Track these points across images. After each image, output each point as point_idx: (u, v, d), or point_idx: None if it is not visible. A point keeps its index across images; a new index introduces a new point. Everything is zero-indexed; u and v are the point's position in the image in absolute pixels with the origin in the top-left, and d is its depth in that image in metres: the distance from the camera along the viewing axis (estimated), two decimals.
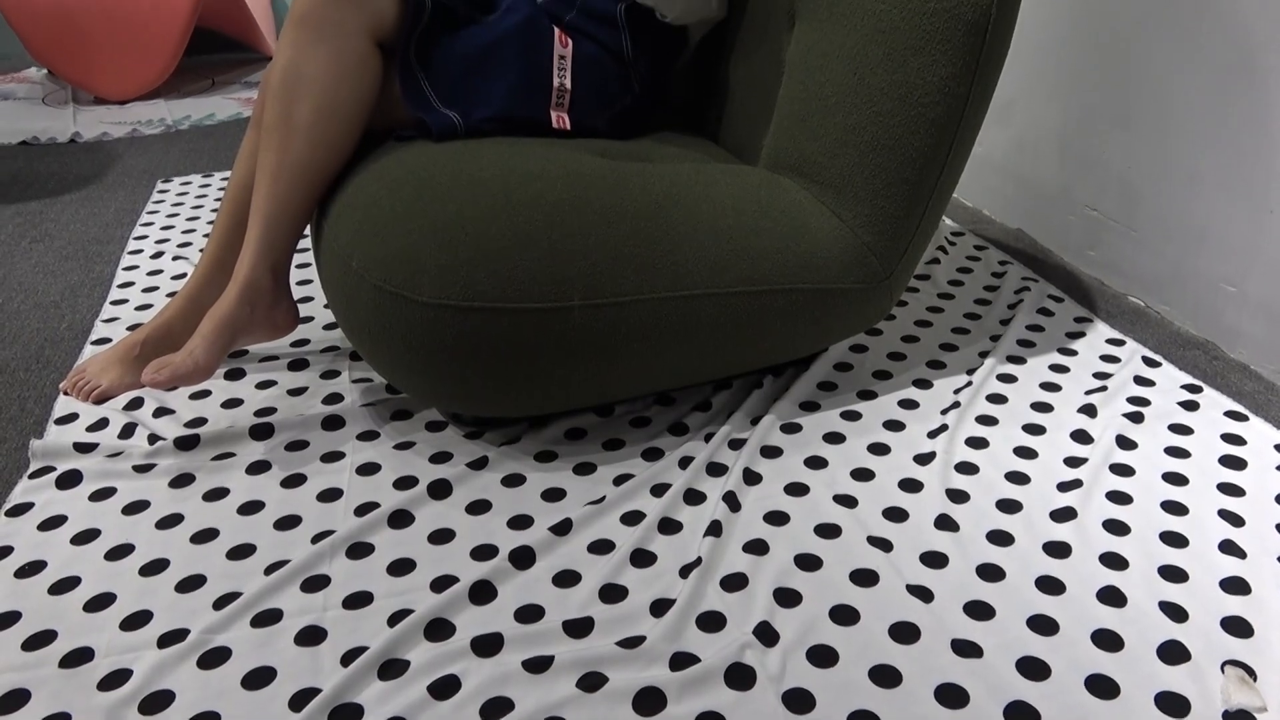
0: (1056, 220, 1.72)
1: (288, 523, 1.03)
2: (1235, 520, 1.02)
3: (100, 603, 0.91)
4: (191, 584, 0.94)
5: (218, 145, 2.40)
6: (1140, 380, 1.30)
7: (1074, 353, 1.37)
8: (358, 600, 0.92)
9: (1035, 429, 1.19)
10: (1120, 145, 1.54)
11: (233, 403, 1.25)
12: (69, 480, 1.09)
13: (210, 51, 3.35)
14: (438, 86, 1.19)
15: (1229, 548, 0.98)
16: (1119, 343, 1.40)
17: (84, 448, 1.13)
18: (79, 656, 0.85)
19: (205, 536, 1.00)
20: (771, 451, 1.14)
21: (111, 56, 2.73)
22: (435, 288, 1.01)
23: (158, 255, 1.71)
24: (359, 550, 0.98)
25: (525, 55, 1.23)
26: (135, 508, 1.05)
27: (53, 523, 1.03)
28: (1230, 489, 1.07)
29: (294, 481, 1.09)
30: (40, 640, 0.87)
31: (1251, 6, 1.28)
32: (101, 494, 1.07)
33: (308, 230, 1.72)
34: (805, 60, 1.20)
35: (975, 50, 1.09)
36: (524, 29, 1.23)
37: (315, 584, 0.93)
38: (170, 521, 1.03)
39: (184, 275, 1.62)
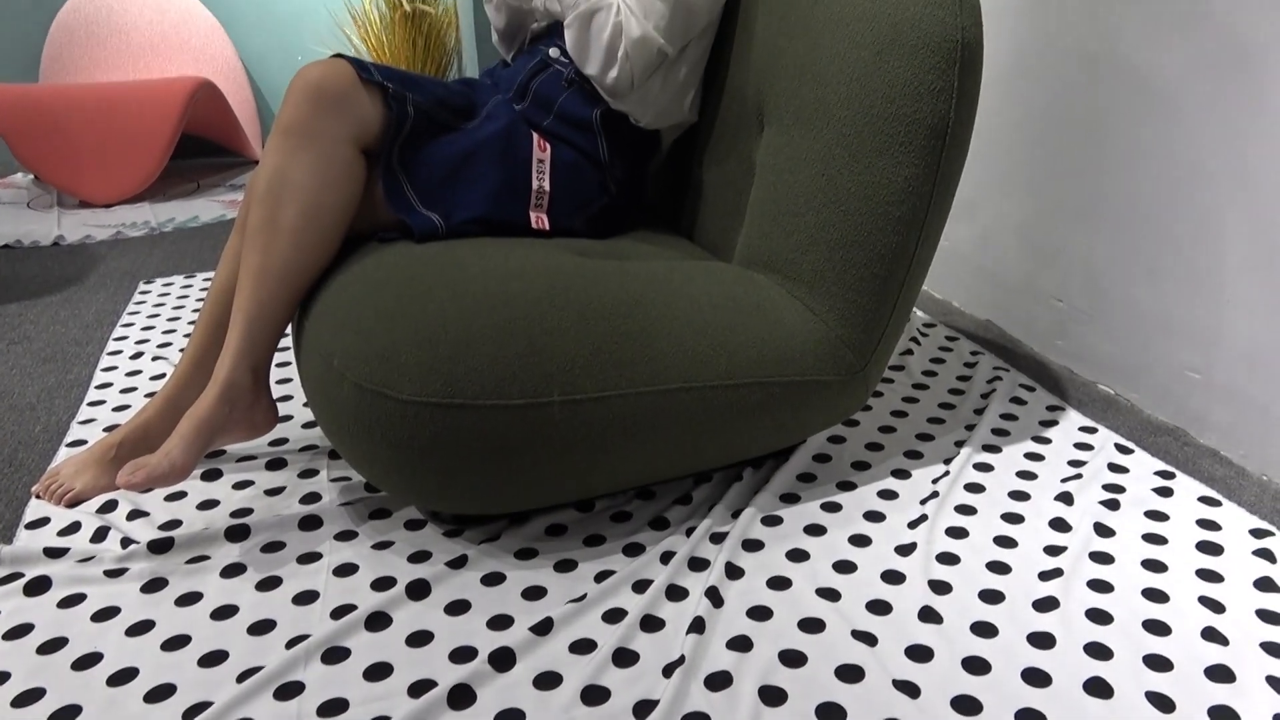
0: (1024, 311, 1.76)
1: (262, 627, 1.00)
2: (1216, 607, 1.03)
3: (65, 715, 0.88)
4: (161, 694, 0.91)
5: (200, 246, 2.43)
6: (1114, 467, 1.31)
7: (1048, 441, 1.39)
8: (333, 708, 0.89)
9: (1014, 518, 1.19)
10: (1081, 239, 1.60)
11: (208, 504, 1.24)
12: (37, 587, 1.06)
13: (196, 156, 3.42)
14: (420, 190, 1.23)
15: (1211, 635, 0.98)
16: (1091, 430, 1.42)
17: (54, 553, 1.11)
18: None
19: (176, 643, 0.98)
20: (753, 545, 1.14)
21: (99, 162, 2.78)
22: (415, 385, 1.02)
23: (137, 356, 1.71)
24: (335, 655, 0.96)
25: (505, 160, 1.27)
26: (105, 614, 1.02)
27: (18, 631, 1.00)
28: (1209, 575, 1.08)
29: (269, 584, 1.07)
30: None
31: (1197, 111, 1.35)
32: (70, 600, 1.04)
33: (288, 329, 1.73)
34: (775, 162, 1.25)
35: (936, 153, 1.14)
36: (504, 135, 1.28)
37: (289, 691, 0.91)
38: (141, 628, 1.00)
39: (163, 376, 1.62)
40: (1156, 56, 1.41)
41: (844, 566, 1.09)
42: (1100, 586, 1.06)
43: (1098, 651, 0.96)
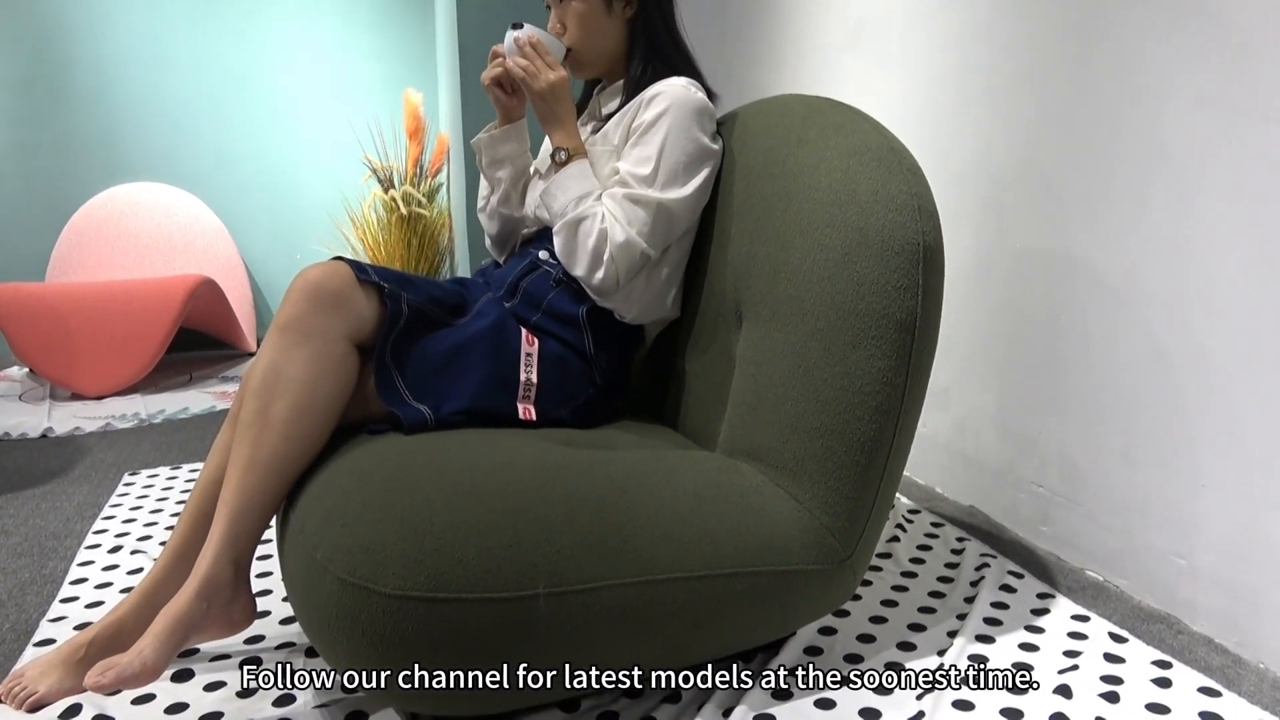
0: (1006, 497, 1.78)
1: None
2: None
3: None
4: None
5: (188, 438, 2.44)
6: (1110, 657, 1.29)
7: (1041, 630, 1.37)
8: None
9: (1013, 714, 1.16)
10: (1054, 426, 1.64)
11: (177, 707, 1.18)
12: None
13: (190, 348, 3.49)
14: (410, 382, 1.26)
15: None
16: (1083, 619, 1.40)
17: None
18: None
19: None
20: None
21: (95, 356, 2.84)
22: (399, 579, 1.01)
23: (115, 550, 1.68)
24: None
25: (494, 354, 1.32)
26: None
27: None
28: None
29: None
30: None
31: (1145, 301, 1.43)
32: None
33: (273, 522, 1.72)
34: (754, 355, 1.30)
35: (906, 345, 1.20)
36: (494, 330, 1.33)
37: None
38: None
39: (141, 570, 1.59)
40: (1103, 254, 1.50)
41: None
42: None
43: None
